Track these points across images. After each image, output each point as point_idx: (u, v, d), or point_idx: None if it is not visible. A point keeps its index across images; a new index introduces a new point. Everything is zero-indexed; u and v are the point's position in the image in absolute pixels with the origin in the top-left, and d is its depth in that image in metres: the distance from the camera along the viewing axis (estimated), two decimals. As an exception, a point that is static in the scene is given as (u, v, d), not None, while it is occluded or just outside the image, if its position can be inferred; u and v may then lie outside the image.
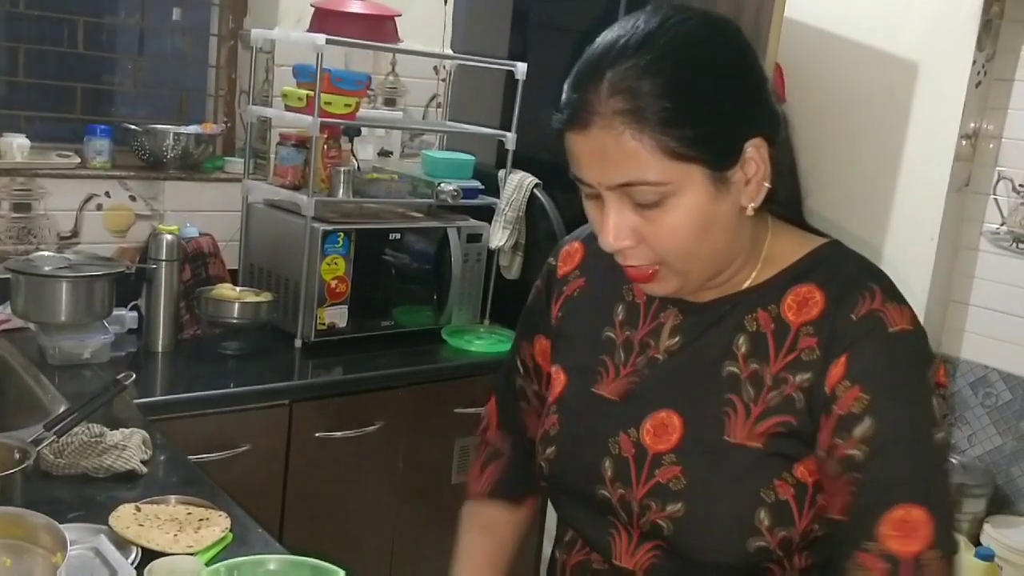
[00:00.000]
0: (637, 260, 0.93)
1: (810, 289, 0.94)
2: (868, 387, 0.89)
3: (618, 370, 1.04)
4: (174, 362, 2.24)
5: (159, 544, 1.28)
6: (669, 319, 1.02)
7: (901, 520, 0.86)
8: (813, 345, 0.92)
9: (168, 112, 2.72)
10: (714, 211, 0.90)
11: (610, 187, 0.89)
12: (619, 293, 1.08)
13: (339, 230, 2.37)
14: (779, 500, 0.92)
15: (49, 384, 1.94)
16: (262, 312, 2.31)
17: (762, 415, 0.93)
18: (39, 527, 1.06)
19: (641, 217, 0.90)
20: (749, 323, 0.97)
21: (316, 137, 2.35)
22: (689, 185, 0.88)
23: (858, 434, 0.89)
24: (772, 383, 0.93)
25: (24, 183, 2.31)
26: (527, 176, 2.71)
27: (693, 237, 0.90)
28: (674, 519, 0.95)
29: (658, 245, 0.91)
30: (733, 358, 0.96)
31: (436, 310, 2.65)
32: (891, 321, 0.90)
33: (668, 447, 0.97)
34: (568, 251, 1.16)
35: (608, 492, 1.01)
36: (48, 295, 2.06)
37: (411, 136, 2.99)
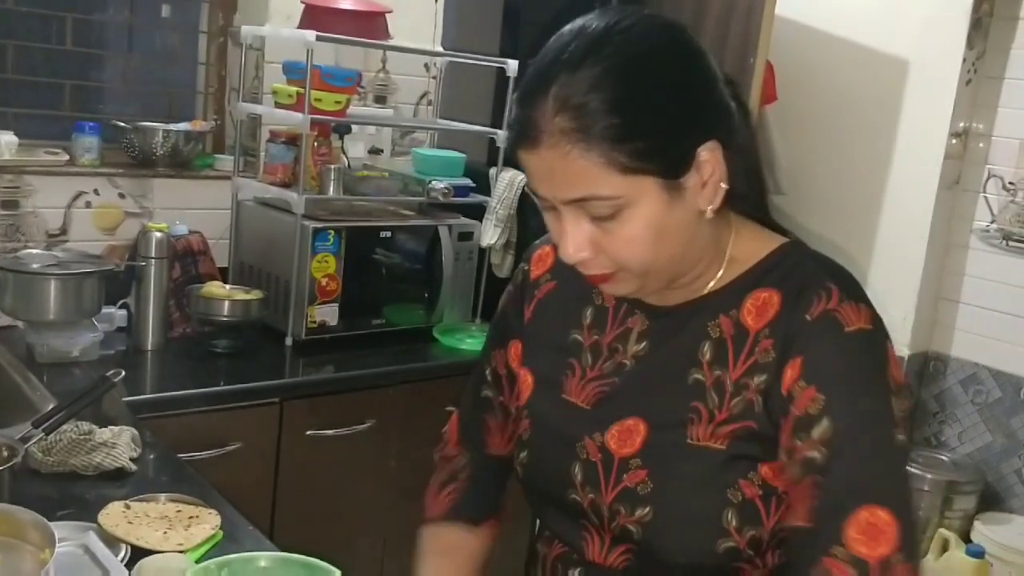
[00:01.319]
0: (596, 269, 0.92)
1: (769, 293, 0.94)
2: (823, 387, 0.88)
3: (584, 373, 1.04)
4: (164, 360, 2.23)
5: (148, 542, 1.27)
6: (636, 324, 1.02)
7: (867, 522, 0.85)
8: (769, 347, 0.92)
9: (157, 109, 2.70)
10: (670, 219, 0.89)
11: (564, 202, 0.89)
12: (588, 296, 1.07)
13: (330, 228, 2.36)
14: (746, 500, 0.92)
15: (37, 382, 1.92)
16: (252, 310, 2.30)
17: (725, 421, 0.93)
18: (27, 524, 1.04)
19: (598, 228, 0.89)
20: (712, 329, 0.96)
21: (306, 134, 2.34)
22: (642, 196, 0.87)
23: (816, 435, 0.88)
24: (734, 389, 0.93)
25: (12, 180, 2.29)
26: (518, 174, 2.70)
27: (650, 246, 0.89)
28: (643, 523, 0.95)
29: (616, 255, 0.90)
30: (698, 365, 0.96)
31: (427, 308, 2.65)
32: (847, 320, 0.90)
33: (632, 451, 0.97)
34: (540, 255, 1.15)
35: (579, 496, 1.01)
36: (36, 293, 2.05)
37: (401, 134, 2.98)
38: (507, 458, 1.19)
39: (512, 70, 2.61)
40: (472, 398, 1.23)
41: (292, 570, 1.11)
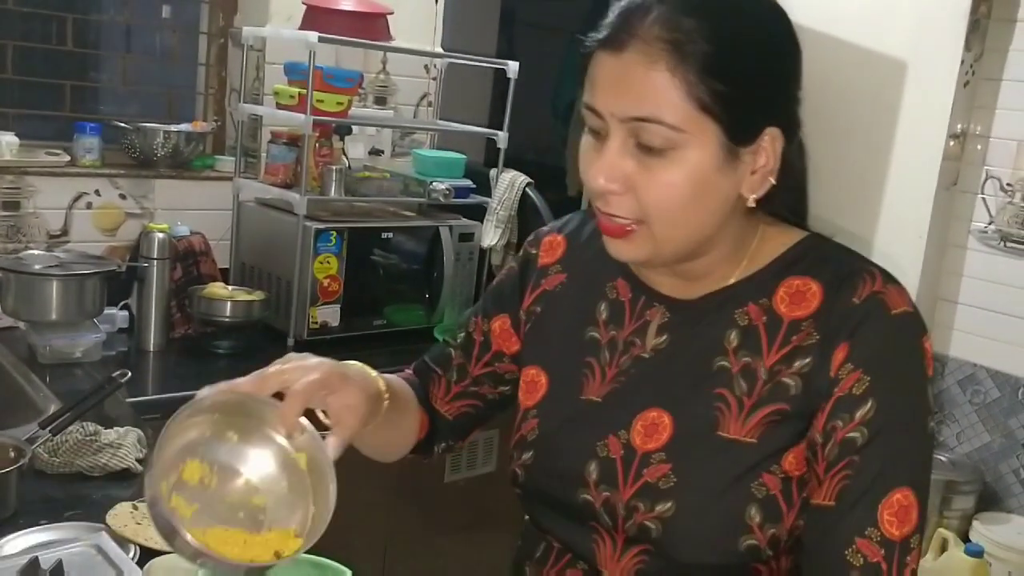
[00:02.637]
0: (618, 210, 0.89)
1: (804, 281, 0.93)
2: (869, 369, 0.88)
3: (603, 371, 1.01)
4: (166, 361, 2.23)
5: (157, 542, 1.27)
6: (656, 317, 1.00)
7: (899, 504, 0.86)
8: (812, 331, 0.90)
9: (157, 110, 2.70)
10: (714, 182, 0.87)
11: (622, 119, 0.85)
12: (602, 291, 1.04)
13: (331, 229, 2.37)
14: (768, 495, 0.91)
15: (40, 383, 1.92)
16: (254, 310, 2.30)
17: (755, 406, 0.92)
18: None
19: (639, 164, 0.86)
20: (740, 317, 0.95)
21: (308, 135, 2.34)
22: (700, 143, 0.85)
23: (859, 416, 0.87)
24: (766, 376, 0.92)
25: (13, 181, 2.29)
26: (519, 175, 2.71)
27: (685, 200, 0.86)
28: (663, 519, 0.92)
29: (648, 198, 0.87)
30: (723, 353, 0.94)
31: (428, 309, 2.65)
32: (892, 303, 0.89)
33: (658, 445, 0.95)
34: (550, 242, 1.11)
35: (591, 496, 0.97)
36: (38, 293, 2.05)
37: (401, 135, 2.99)
38: (444, 418, 1.15)
39: (513, 71, 2.61)
40: (434, 351, 1.19)
41: (302, 569, 1.11)
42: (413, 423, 1.13)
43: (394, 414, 1.03)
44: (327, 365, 0.93)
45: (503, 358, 1.13)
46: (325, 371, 0.92)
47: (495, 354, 1.13)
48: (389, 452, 1.15)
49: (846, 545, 0.87)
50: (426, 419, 1.15)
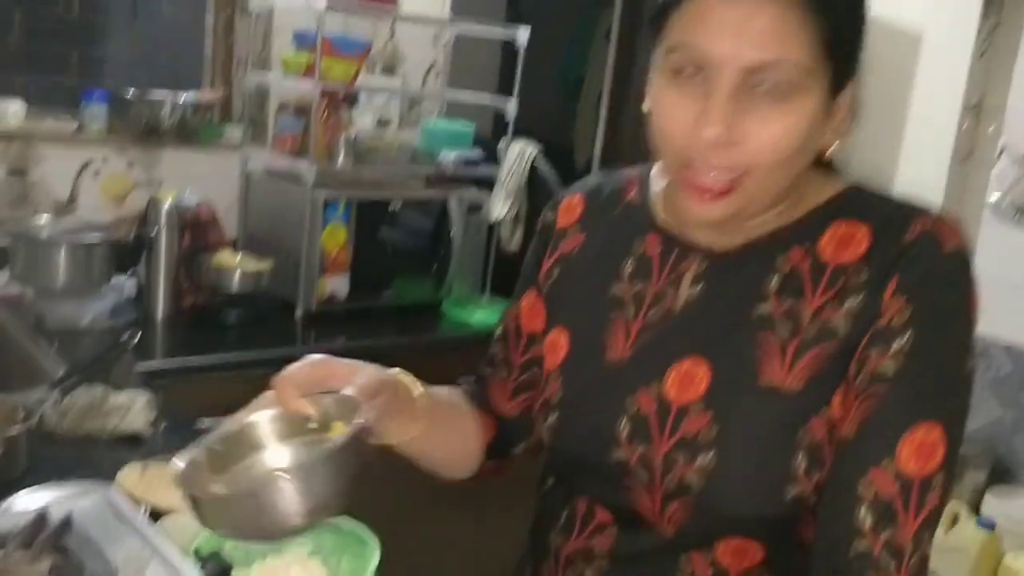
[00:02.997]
0: (723, 162, 0.82)
1: (851, 225, 0.89)
2: (912, 301, 0.84)
3: (628, 327, 0.97)
4: (174, 330, 2.22)
5: (167, 503, 1.26)
6: (691, 268, 0.96)
7: (921, 440, 0.82)
8: (863, 272, 0.87)
9: (163, 79, 2.67)
10: (815, 132, 0.83)
11: (740, 65, 0.79)
12: (628, 247, 1.00)
13: (340, 198, 2.35)
14: (815, 441, 0.87)
15: (48, 349, 1.91)
16: (263, 280, 2.29)
17: (799, 350, 0.88)
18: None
19: (751, 113, 0.81)
20: (781, 263, 0.91)
21: (316, 103, 2.31)
22: (813, 90, 0.81)
23: (895, 347, 0.84)
24: (811, 319, 0.88)
25: (20, 149, 2.27)
26: (528, 145, 2.68)
27: (792, 150, 0.82)
28: (704, 471, 0.89)
29: (755, 147, 0.81)
30: (764, 299, 0.91)
31: (436, 282, 2.63)
32: (946, 239, 0.86)
33: (695, 397, 0.91)
34: (568, 204, 1.07)
35: (624, 454, 0.93)
36: (46, 261, 2.04)
37: (409, 106, 2.96)
38: (512, 418, 1.11)
39: (522, 39, 2.58)
40: (488, 353, 1.15)
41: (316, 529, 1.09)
42: (470, 426, 1.09)
43: (442, 417, 1.02)
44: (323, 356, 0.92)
45: (536, 340, 1.07)
46: (321, 357, 0.91)
47: (528, 338, 1.08)
48: (453, 461, 1.10)
49: (859, 476, 0.83)
50: (491, 422, 1.11)
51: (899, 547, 0.82)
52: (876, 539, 0.82)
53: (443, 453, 1.07)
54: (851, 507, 0.83)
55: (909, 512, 0.82)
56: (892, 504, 0.82)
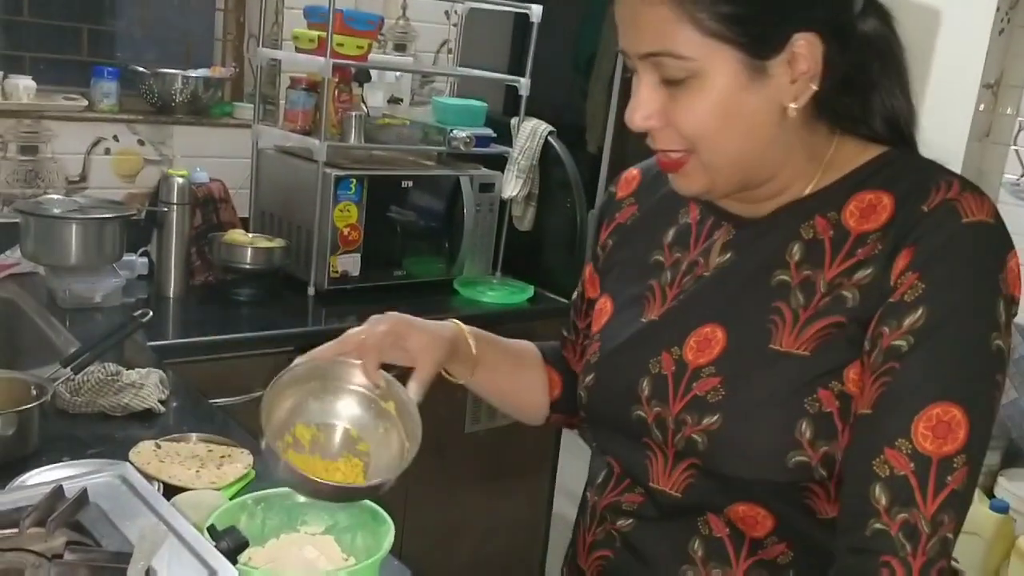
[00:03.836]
0: (665, 144, 0.89)
1: (876, 195, 0.88)
2: (925, 275, 0.83)
3: (664, 292, 1.01)
4: (186, 307, 2.22)
5: (181, 480, 1.26)
6: (721, 236, 0.98)
7: (938, 419, 0.81)
8: (878, 244, 0.86)
9: (174, 56, 2.66)
10: (744, 102, 0.85)
11: (639, 56, 0.87)
12: (673, 217, 1.04)
13: (352, 176, 2.33)
14: (823, 412, 0.87)
15: (61, 327, 1.92)
16: (275, 258, 2.28)
17: (810, 319, 0.88)
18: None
19: (669, 97, 0.86)
20: (805, 231, 0.92)
21: (328, 79, 2.30)
22: (718, 67, 0.84)
23: (907, 324, 0.83)
24: (825, 289, 0.88)
25: (31, 125, 2.27)
26: (541, 123, 2.66)
27: (717, 124, 0.86)
28: (709, 432, 0.90)
29: (684, 128, 0.87)
30: (784, 266, 0.92)
31: (448, 260, 2.62)
32: (967, 211, 0.83)
33: (709, 359, 0.93)
34: (627, 177, 1.14)
35: (644, 412, 0.97)
36: (58, 237, 2.03)
37: (421, 84, 2.94)
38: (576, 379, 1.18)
39: (536, 15, 2.56)
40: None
41: (331, 506, 1.09)
42: (536, 378, 1.21)
43: (505, 363, 1.18)
44: (393, 316, 1.08)
45: (594, 304, 1.13)
46: (391, 321, 1.07)
47: (588, 303, 1.16)
48: (521, 407, 1.23)
49: (875, 454, 0.83)
50: (558, 378, 1.21)
51: (916, 528, 0.81)
52: (892, 519, 0.82)
53: (505, 398, 1.22)
54: (866, 485, 0.83)
55: (927, 492, 0.81)
56: (908, 483, 0.81)
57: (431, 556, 2.46)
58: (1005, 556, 2.36)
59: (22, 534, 0.87)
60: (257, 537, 1.04)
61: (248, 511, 1.05)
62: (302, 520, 1.08)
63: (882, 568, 0.82)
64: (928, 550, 0.81)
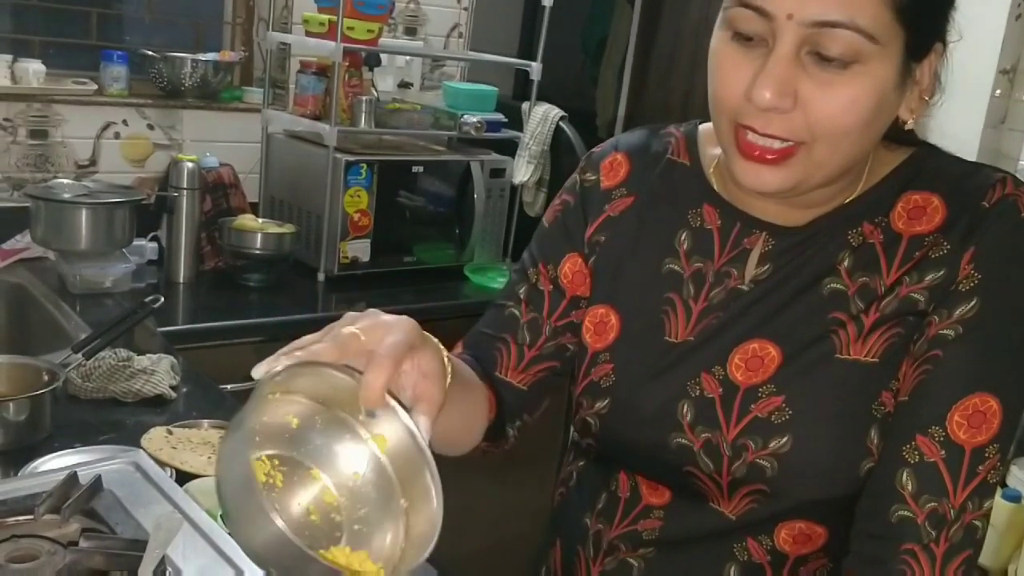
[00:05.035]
0: (779, 130, 0.78)
1: (923, 196, 0.86)
2: (982, 267, 0.82)
3: (688, 307, 0.92)
4: (196, 293, 2.21)
5: (193, 466, 1.26)
6: (757, 244, 0.91)
7: (975, 409, 0.79)
8: (943, 243, 0.84)
9: (183, 40, 2.65)
10: (888, 102, 0.79)
11: (805, 23, 0.74)
12: (682, 219, 0.94)
13: (362, 161, 2.32)
14: (886, 413, 0.85)
15: (71, 312, 1.91)
16: (285, 244, 2.27)
17: (875, 325, 0.85)
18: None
19: (813, 78, 0.76)
20: (853, 238, 0.88)
21: (338, 64, 2.28)
22: (887, 54, 0.76)
23: (957, 313, 0.82)
24: (886, 291, 0.86)
25: (40, 110, 2.26)
26: (552, 108, 2.64)
27: (862, 119, 0.77)
28: (778, 455, 0.86)
29: (821, 117, 0.77)
30: (836, 275, 0.87)
31: (458, 247, 2.61)
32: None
33: (764, 378, 0.87)
34: (611, 162, 0.99)
35: (688, 439, 0.89)
36: (68, 222, 2.02)
37: (431, 68, 2.92)
38: (520, 390, 1.00)
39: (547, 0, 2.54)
40: (493, 318, 1.03)
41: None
42: (480, 402, 0.95)
43: (458, 391, 0.83)
44: (407, 322, 0.73)
45: (580, 303, 0.99)
46: (407, 329, 0.72)
47: (571, 300, 0.99)
48: (459, 440, 0.94)
49: (906, 440, 0.81)
50: (493, 398, 0.98)
51: (943, 516, 0.80)
52: (919, 507, 0.80)
53: (449, 428, 0.87)
54: (893, 471, 0.82)
55: (958, 481, 0.80)
56: (937, 471, 0.80)
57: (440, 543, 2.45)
58: (1017, 546, 2.35)
59: (37, 521, 0.86)
60: (270, 524, 1.03)
61: (262, 498, 1.05)
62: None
63: (905, 555, 0.80)
64: (951, 536, 0.80)
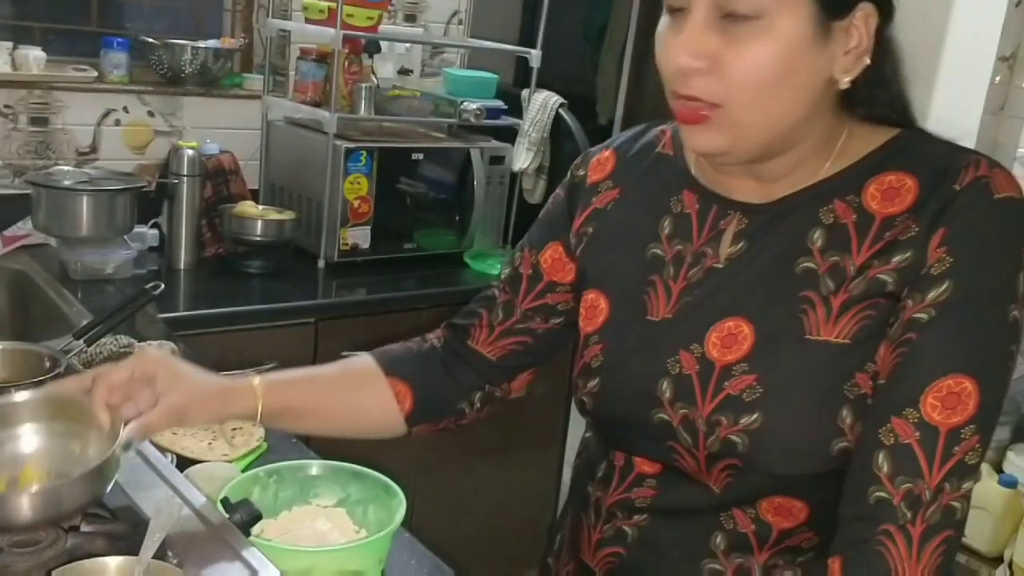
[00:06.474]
0: (699, 90, 0.82)
1: (898, 176, 0.87)
2: (956, 250, 0.83)
3: (668, 287, 0.95)
4: (197, 279, 2.22)
5: (194, 452, 1.27)
6: (731, 224, 0.93)
7: (949, 391, 0.81)
8: (912, 226, 0.85)
9: (184, 27, 2.65)
10: (804, 59, 0.81)
11: None
12: (664, 206, 0.98)
13: (362, 148, 2.33)
14: (861, 395, 0.86)
15: (72, 298, 1.92)
16: (286, 230, 2.28)
17: (846, 305, 0.87)
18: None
19: (725, 38, 0.81)
20: (825, 215, 0.89)
21: (338, 51, 2.28)
22: (791, 13, 0.79)
23: (931, 297, 0.83)
24: (856, 272, 0.87)
25: (41, 97, 2.26)
26: (552, 95, 2.65)
27: (774, 76, 0.81)
28: (749, 432, 0.88)
29: (733, 74, 0.81)
30: (808, 253, 0.89)
31: (458, 233, 2.62)
32: (998, 187, 0.83)
33: (739, 356, 0.89)
34: (599, 160, 1.06)
35: (667, 415, 0.93)
36: (69, 209, 2.03)
37: (431, 55, 2.92)
38: (488, 361, 1.10)
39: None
40: (480, 296, 1.13)
41: (343, 479, 1.10)
42: (375, 398, 1.10)
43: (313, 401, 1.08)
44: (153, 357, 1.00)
45: (556, 288, 1.06)
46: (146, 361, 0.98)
47: (547, 284, 1.06)
48: (367, 431, 1.14)
49: (882, 423, 0.83)
50: (406, 389, 1.10)
51: (918, 496, 0.81)
52: (895, 488, 0.82)
53: (340, 431, 1.11)
54: (871, 454, 0.83)
55: (934, 463, 0.81)
56: (912, 453, 0.81)
57: (442, 526, 2.48)
58: (1014, 531, 2.36)
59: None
60: (270, 509, 1.05)
61: (261, 483, 1.06)
62: (314, 493, 1.09)
63: (882, 536, 0.81)
64: (928, 518, 0.81)
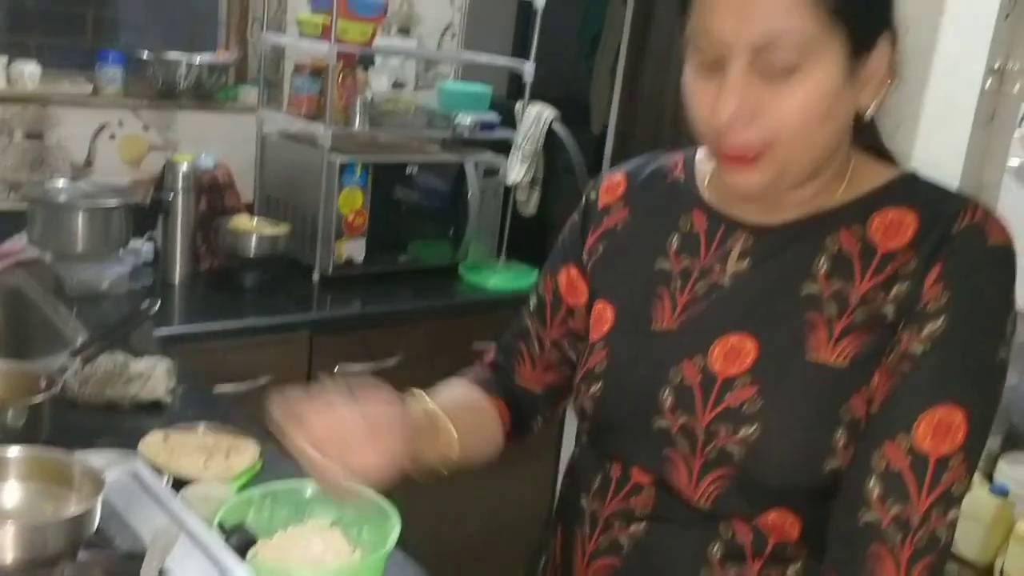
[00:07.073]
0: (744, 139, 0.85)
1: (900, 211, 0.91)
2: (952, 288, 0.86)
3: (674, 299, 0.99)
4: (192, 294, 2.23)
5: (189, 472, 1.28)
6: (738, 243, 0.97)
7: (940, 420, 0.84)
8: (911, 259, 0.88)
9: (178, 40, 2.65)
10: (838, 99, 0.85)
11: (747, 42, 0.82)
12: (673, 224, 1.02)
13: (357, 161, 2.34)
14: (855, 418, 0.89)
15: (68, 314, 1.92)
16: (280, 244, 2.29)
17: (846, 330, 0.90)
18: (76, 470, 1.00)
19: (765, 89, 0.83)
20: (831, 243, 0.92)
21: (333, 66, 2.29)
22: (826, 58, 0.83)
23: (926, 331, 0.86)
24: (859, 301, 0.90)
25: (36, 111, 2.27)
26: (545, 108, 2.66)
27: (816, 119, 0.84)
28: (746, 443, 0.90)
29: (778, 122, 0.84)
30: (812, 278, 0.92)
31: (453, 245, 2.63)
32: (992, 234, 0.88)
33: (741, 370, 0.92)
34: (609, 183, 1.10)
35: (667, 421, 0.96)
36: (64, 224, 2.04)
37: (425, 68, 2.93)
38: (536, 394, 1.15)
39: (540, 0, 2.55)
40: (515, 325, 1.18)
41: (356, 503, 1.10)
42: (491, 421, 1.13)
43: (467, 429, 1.07)
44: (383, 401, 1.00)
45: (574, 314, 1.11)
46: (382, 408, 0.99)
47: (567, 311, 1.11)
48: (482, 457, 1.14)
49: (875, 447, 0.86)
50: (504, 406, 1.14)
51: (907, 521, 0.84)
52: (885, 512, 0.84)
53: (473, 456, 1.12)
54: (862, 477, 0.86)
55: (922, 489, 0.84)
56: (902, 479, 0.84)
57: (436, 537, 2.48)
58: (1004, 540, 2.38)
59: (36, 530, 0.88)
60: (265, 530, 1.05)
61: (255, 505, 1.07)
62: (309, 513, 1.10)
63: (870, 557, 0.84)
64: (916, 542, 0.83)
